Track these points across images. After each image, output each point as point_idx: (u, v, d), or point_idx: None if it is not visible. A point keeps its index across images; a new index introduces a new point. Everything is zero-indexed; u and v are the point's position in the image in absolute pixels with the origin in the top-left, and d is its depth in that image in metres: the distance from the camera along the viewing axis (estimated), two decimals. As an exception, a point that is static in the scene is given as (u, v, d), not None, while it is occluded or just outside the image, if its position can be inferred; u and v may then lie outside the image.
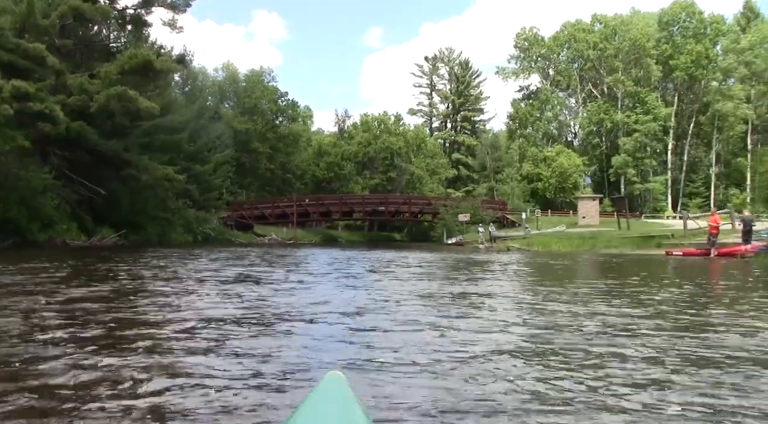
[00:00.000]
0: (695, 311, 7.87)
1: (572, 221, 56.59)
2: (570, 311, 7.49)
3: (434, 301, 8.92)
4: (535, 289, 10.96)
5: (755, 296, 9.86)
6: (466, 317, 7.21)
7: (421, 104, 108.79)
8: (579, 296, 9.49)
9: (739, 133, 78.52)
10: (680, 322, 6.87)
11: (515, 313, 7.58)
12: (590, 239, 34.38)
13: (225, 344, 5.42)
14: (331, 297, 9.30)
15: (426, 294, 9.86)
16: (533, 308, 8.09)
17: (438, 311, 7.75)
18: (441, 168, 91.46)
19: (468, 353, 5.04)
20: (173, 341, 5.61)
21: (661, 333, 6.06)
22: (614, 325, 6.51)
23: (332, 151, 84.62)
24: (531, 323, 6.81)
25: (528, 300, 9.15)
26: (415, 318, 7.02)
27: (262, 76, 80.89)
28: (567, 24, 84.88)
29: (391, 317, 7.19)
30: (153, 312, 7.45)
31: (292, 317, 7.18)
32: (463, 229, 56.11)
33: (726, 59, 75.36)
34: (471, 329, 6.31)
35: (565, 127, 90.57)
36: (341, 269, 16.78)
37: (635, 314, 7.42)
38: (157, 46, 41.42)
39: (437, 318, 7.00)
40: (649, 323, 6.64)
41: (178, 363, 4.71)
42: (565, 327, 6.38)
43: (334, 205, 66.43)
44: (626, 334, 5.97)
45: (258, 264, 18.45)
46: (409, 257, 23.86)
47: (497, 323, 6.72)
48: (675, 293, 10.36)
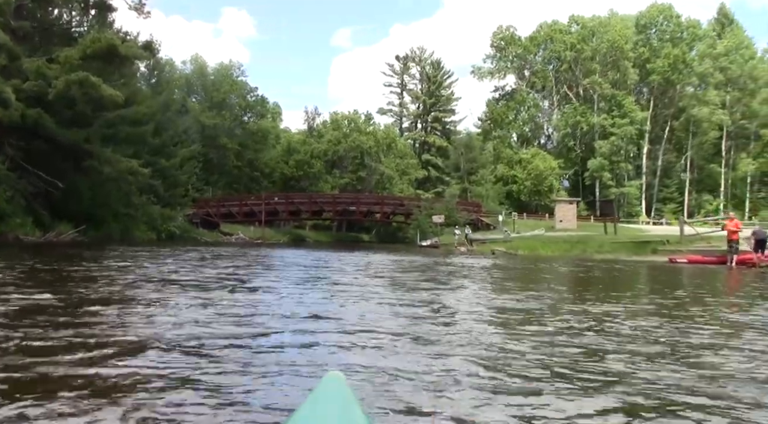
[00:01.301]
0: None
1: (548, 224, 55.44)
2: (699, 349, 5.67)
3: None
4: (587, 309, 8.36)
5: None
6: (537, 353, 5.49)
7: (391, 104, 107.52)
8: (668, 327, 7.81)
9: (713, 139, 78.27)
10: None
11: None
12: (579, 243, 32.84)
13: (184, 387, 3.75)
14: (325, 311, 7.53)
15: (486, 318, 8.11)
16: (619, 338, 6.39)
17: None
18: (411, 168, 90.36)
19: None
20: (118, 379, 3.92)
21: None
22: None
23: (302, 149, 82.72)
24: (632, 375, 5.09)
25: (593, 325, 7.42)
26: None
27: (231, 70, 78.73)
28: (544, 24, 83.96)
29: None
30: (99, 330, 5.72)
31: (276, 338, 5.57)
32: (438, 231, 54.82)
33: (702, 64, 75.05)
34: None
35: (540, 129, 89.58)
36: (325, 275, 15.00)
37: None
38: (123, 33, 39.20)
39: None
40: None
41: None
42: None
43: (304, 204, 64.63)
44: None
45: (227, 265, 16.66)
46: (403, 261, 22.16)
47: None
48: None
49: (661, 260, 24.79)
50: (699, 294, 11.67)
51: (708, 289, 13.42)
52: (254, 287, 10.55)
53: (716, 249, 25.11)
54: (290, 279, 12.74)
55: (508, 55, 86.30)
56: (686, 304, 9.43)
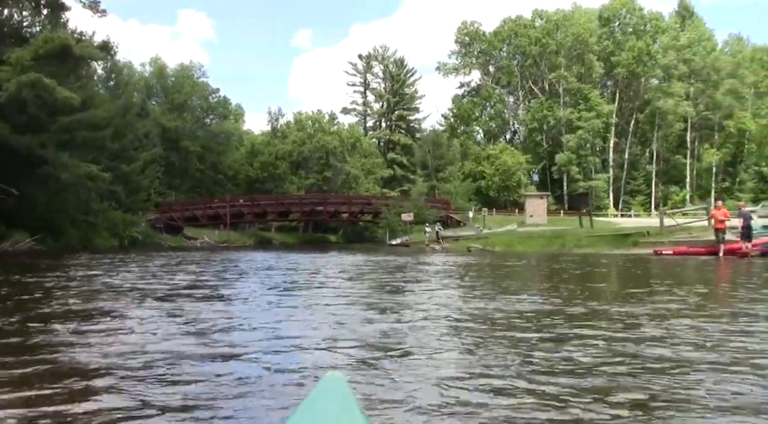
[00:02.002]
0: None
1: (518, 219, 55.01)
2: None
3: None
4: (622, 311, 7.40)
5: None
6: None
7: (355, 103, 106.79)
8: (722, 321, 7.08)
9: (677, 131, 78.84)
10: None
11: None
12: (556, 238, 32.22)
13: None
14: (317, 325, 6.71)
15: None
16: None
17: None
18: (376, 167, 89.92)
19: None
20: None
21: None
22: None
23: (266, 150, 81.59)
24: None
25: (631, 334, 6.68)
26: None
27: (191, 71, 77.21)
28: (507, 20, 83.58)
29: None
30: (48, 352, 4.82)
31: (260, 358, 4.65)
32: (407, 229, 54.30)
33: (666, 57, 75.42)
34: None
35: (506, 124, 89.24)
36: (300, 279, 14.18)
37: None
38: (78, 33, 37.76)
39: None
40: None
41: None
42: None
43: (270, 206, 63.62)
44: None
45: (193, 272, 15.74)
46: (378, 261, 21.38)
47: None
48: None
49: (644, 253, 24.23)
50: (721, 288, 10.96)
51: (720, 281, 12.80)
52: (223, 296, 9.65)
53: (698, 240, 24.65)
54: (262, 285, 11.85)
55: (473, 50, 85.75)
56: (715, 299, 8.74)
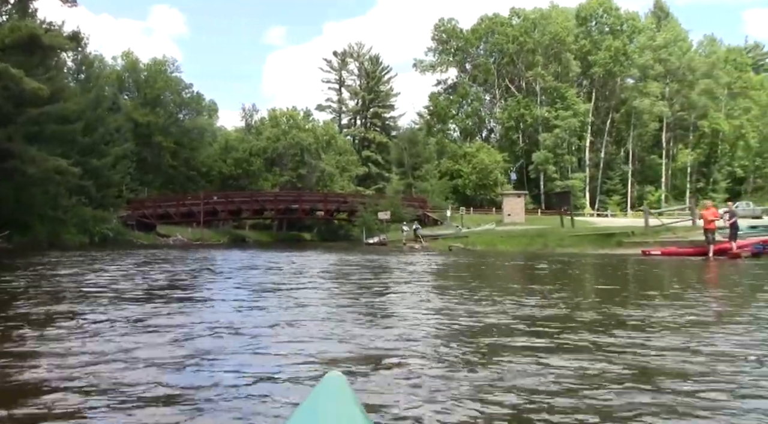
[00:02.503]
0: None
1: (496, 218, 54.61)
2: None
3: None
4: (648, 316, 6.94)
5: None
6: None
7: (330, 100, 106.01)
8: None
9: (653, 131, 79.05)
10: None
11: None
12: (538, 237, 31.71)
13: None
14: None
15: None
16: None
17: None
18: (351, 165, 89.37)
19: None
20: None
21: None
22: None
23: (240, 147, 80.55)
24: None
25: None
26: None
27: (164, 66, 75.79)
28: (485, 17, 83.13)
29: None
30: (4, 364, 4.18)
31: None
32: (384, 227, 53.71)
33: (642, 56, 75.50)
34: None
35: (483, 122, 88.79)
36: (279, 281, 13.45)
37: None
38: (48, 24, 36.57)
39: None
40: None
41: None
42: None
43: (245, 203, 62.60)
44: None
45: (165, 271, 14.97)
46: (358, 261, 20.71)
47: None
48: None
49: (630, 253, 23.69)
50: (737, 291, 10.39)
51: (730, 283, 12.26)
52: (204, 299, 8.92)
53: (684, 240, 24.18)
54: (244, 287, 11.13)
55: (450, 48, 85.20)
56: (734, 304, 8.16)
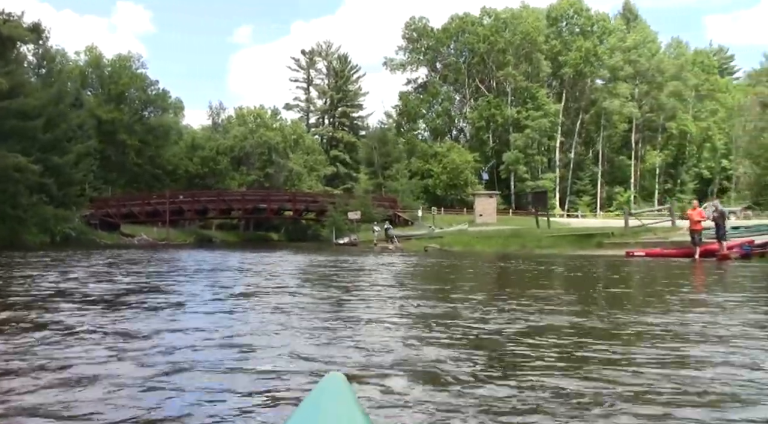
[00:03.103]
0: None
1: (466, 219, 54.20)
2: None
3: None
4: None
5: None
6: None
7: (297, 99, 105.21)
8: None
9: (622, 132, 79.39)
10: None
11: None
12: (515, 237, 31.12)
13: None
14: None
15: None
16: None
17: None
18: (319, 165, 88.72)
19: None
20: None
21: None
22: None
23: (206, 145, 79.13)
24: None
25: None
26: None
27: (129, 62, 74.06)
28: (455, 17, 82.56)
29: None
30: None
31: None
32: (354, 228, 53.07)
33: (613, 57, 75.68)
34: None
35: (453, 122, 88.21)
36: (253, 283, 12.61)
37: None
38: (6, 14, 35.20)
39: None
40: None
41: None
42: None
43: (212, 203, 61.45)
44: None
45: (129, 272, 14.06)
46: (334, 262, 19.92)
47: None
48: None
49: (612, 254, 23.13)
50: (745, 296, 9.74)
51: (744, 288, 11.64)
52: (164, 304, 8.03)
53: (665, 241, 23.77)
54: (217, 290, 10.29)
55: (421, 47, 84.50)
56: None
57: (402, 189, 69.12)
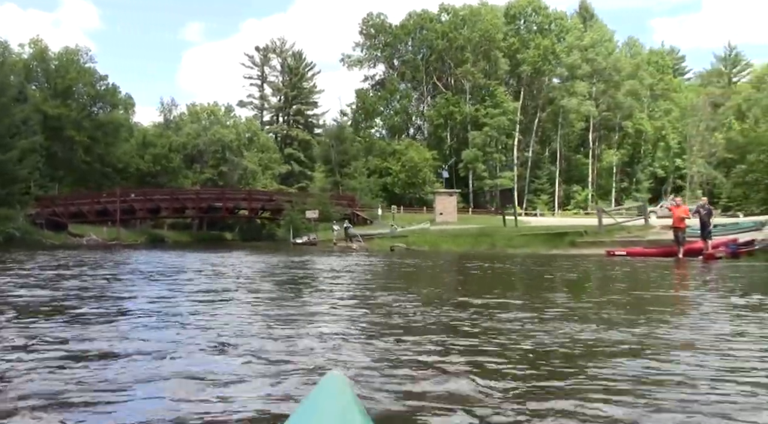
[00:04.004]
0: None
1: (426, 217, 53.45)
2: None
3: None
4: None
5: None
6: None
7: (251, 96, 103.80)
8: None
9: (579, 131, 79.53)
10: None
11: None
12: (484, 237, 30.18)
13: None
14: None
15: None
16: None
17: None
18: (274, 163, 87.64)
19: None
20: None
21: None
22: None
23: (158, 142, 77.04)
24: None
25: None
26: None
27: (77, 56, 71.42)
28: (413, 13, 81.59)
29: None
30: None
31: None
32: (312, 227, 52.00)
33: (570, 56, 75.66)
34: None
35: (411, 119, 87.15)
36: (211, 289, 11.39)
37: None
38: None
39: None
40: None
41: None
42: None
43: (165, 202, 59.79)
44: None
45: (75, 275, 12.77)
46: (300, 263, 18.78)
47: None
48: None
49: (589, 253, 22.27)
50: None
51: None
52: (114, 312, 6.93)
53: (641, 239, 23.10)
54: (177, 294, 9.10)
55: (378, 43, 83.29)
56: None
57: (360, 187, 68.10)
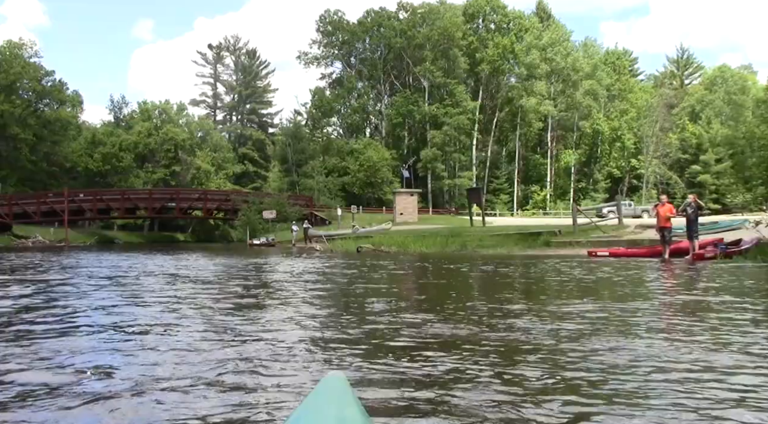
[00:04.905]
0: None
1: (386, 218, 52.67)
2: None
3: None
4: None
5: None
6: None
7: (204, 95, 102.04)
8: None
9: (537, 130, 79.43)
10: None
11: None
12: (455, 237, 29.02)
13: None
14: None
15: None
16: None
17: None
18: (228, 163, 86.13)
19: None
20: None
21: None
22: None
23: (108, 141, 74.81)
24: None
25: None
26: None
27: (21, 50, 68.81)
28: (371, 11, 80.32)
29: None
30: None
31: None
32: (269, 227, 50.90)
33: (529, 55, 75.36)
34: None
35: (369, 118, 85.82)
36: (170, 297, 10.14)
37: None
38: None
39: None
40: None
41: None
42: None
43: (115, 202, 57.93)
44: None
45: (28, 280, 11.41)
46: (275, 267, 17.60)
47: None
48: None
49: (566, 254, 21.21)
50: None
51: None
52: (59, 326, 5.76)
53: (619, 239, 22.35)
54: (121, 305, 7.83)
55: (336, 41, 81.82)
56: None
57: (318, 187, 66.88)
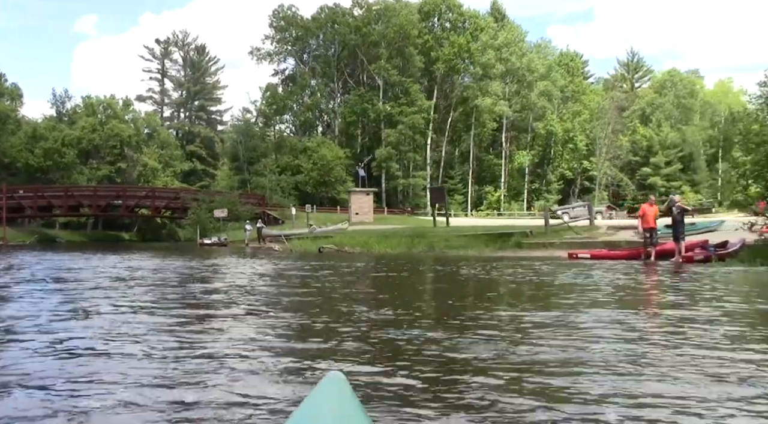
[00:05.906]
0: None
1: (340, 218, 51.66)
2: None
3: None
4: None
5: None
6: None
7: (151, 90, 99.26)
8: None
9: (491, 131, 79.27)
10: None
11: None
12: (419, 238, 27.91)
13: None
14: None
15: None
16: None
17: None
18: (175, 160, 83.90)
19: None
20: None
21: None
22: None
23: (50, 136, 71.79)
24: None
25: None
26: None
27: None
28: (325, 7, 78.88)
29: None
30: None
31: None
32: (221, 227, 49.40)
33: (485, 55, 75.02)
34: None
35: (322, 116, 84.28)
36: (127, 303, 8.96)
37: None
38: None
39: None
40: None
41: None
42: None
43: (58, 199, 55.69)
44: None
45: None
46: (236, 266, 16.39)
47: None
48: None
49: (542, 255, 20.36)
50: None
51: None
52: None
53: (595, 241, 21.69)
54: (62, 312, 6.70)
55: (289, 37, 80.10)
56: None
57: (270, 186, 65.32)
